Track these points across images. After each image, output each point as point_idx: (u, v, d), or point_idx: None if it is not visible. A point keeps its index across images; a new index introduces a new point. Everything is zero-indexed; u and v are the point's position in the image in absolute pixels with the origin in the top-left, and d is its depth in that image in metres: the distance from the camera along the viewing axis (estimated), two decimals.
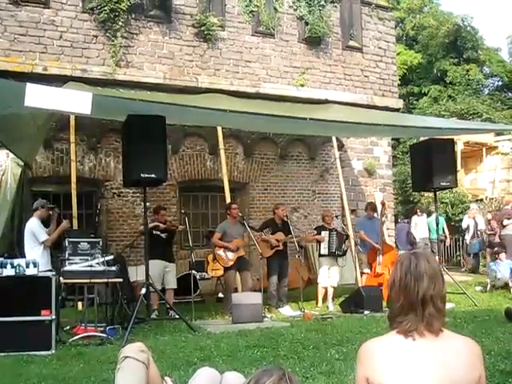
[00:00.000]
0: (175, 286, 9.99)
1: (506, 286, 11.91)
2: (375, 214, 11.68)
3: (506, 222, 14.17)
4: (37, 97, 6.34)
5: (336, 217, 12.04)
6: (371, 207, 11.75)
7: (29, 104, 6.29)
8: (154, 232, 9.68)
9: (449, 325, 2.30)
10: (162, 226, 9.86)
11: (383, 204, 11.65)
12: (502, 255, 12.54)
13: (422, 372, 2.11)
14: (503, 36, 60.25)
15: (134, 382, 2.93)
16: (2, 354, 6.48)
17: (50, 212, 8.97)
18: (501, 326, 7.74)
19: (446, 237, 17.72)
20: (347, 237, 11.28)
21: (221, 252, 10.04)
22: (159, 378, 3.15)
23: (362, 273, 11.49)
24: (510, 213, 14.32)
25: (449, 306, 9.79)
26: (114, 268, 7.89)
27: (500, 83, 32.51)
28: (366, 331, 7.50)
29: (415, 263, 2.28)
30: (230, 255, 9.98)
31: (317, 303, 10.77)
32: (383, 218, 11.57)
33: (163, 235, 9.92)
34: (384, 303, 9.40)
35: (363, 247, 11.51)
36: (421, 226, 16.99)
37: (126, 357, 2.99)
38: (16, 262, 6.99)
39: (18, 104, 6.30)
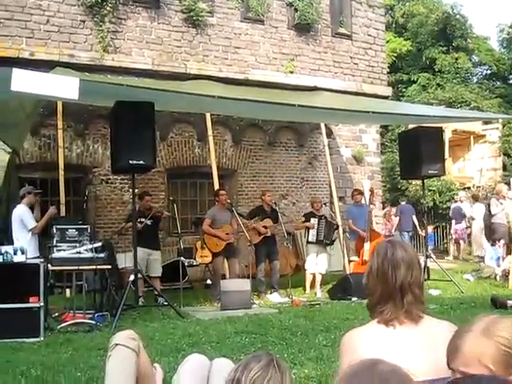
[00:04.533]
0: (159, 274, 9.93)
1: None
2: (362, 200, 11.72)
3: (494, 210, 14.27)
4: (23, 82, 6.28)
5: (325, 204, 12.07)
6: (357, 193, 11.77)
7: (15, 89, 6.23)
8: (139, 219, 9.61)
9: (435, 311, 2.34)
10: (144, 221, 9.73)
11: (372, 191, 11.68)
12: (501, 241, 12.73)
13: (405, 360, 2.12)
14: (492, 25, 60.46)
15: (124, 369, 2.93)
16: None
17: (37, 198, 8.94)
18: (487, 312, 7.82)
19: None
20: (337, 227, 11.30)
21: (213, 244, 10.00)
22: (150, 366, 3.16)
23: (350, 260, 11.53)
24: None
25: (435, 292, 9.88)
26: (102, 255, 7.87)
27: (488, 72, 32.62)
28: (353, 318, 7.56)
29: (391, 251, 2.28)
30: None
31: (304, 290, 10.82)
32: (371, 206, 11.59)
33: (148, 222, 9.86)
34: None
35: (351, 235, 11.54)
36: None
37: (117, 344, 2.99)
38: (4, 249, 6.96)
39: (5, 89, 6.24)
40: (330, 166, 13.65)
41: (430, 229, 18.11)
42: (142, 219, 9.63)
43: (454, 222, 17.73)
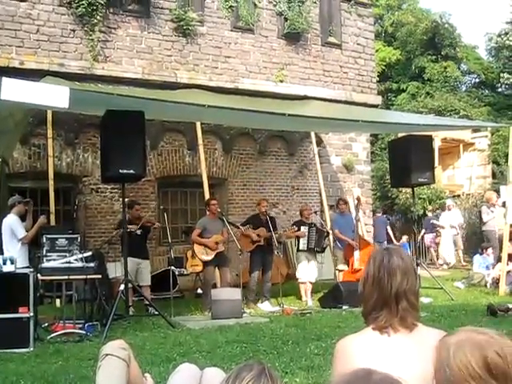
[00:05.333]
0: (149, 283, 9.95)
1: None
2: (349, 210, 11.73)
3: (485, 218, 14.37)
4: (13, 90, 6.29)
5: (315, 213, 12.09)
6: (342, 202, 11.78)
7: (5, 97, 6.23)
8: (129, 228, 9.61)
9: (426, 319, 2.34)
10: (134, 227, 9.72)
11: (358, 199, 11.71)
12: (489, 250, 12.80)
13: (398, 368, 2.12)
14: (481, 33, 60.87)
15: (114, 379, 2.92)
16: None
17: (26, 207, 8.90)
18: (477, 320, 7.85)
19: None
20: (327, 234, 11.31)
21: (201, 254, 9.95)
22: (140, 376, 3.15)
23: (338, 270, 11.49)
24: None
25: (426, 300, 9.91)
26: (92, 264, 7.85)
27: (477, 80, 32.84)
28: (344, 326, 7.57)
29: (388, 259, 2.29)
30: (209, 255, 9.93)
31: (301, 298, 10.79)
32: (358, 214, 11.60)
33: (138, 231, 9.86)
34: None
35: (340, 244, 11.52)
36: None
37: (107, 354, 2.98)
38: None
39: None
40: (321, 175, 13.69)
41: (404, 238, 18.36)
42: (132, 228, 9.64)
43: (423, 231, 18.06)
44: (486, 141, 22.48)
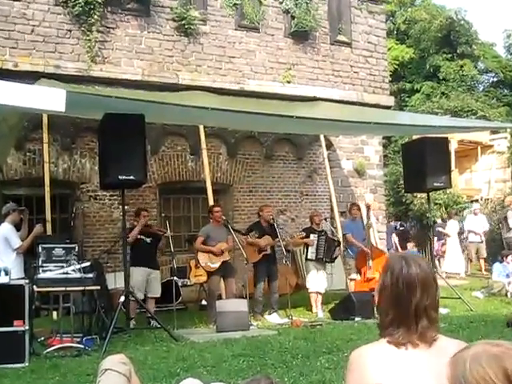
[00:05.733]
0: (159, 295, 9.95)
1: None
2: (361, 216, 11.71)
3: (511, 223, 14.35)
4: (7, 94, 6.31)
5: (325, 219, 12.08)
6: (355, 208, 11.76)
7: None
8: (139, 236, 9.65)
9: (444, 330, 2.31)
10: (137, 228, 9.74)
11: (368, 206, 11.69)
12: (510, 257, 12.75)
13: (415, 383, 2.11)
14: (498, 30, 60.88)
15: None
16: None
17: (21, 216, 8.92)
18: (498, 331, 7.81)
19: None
20: (338, 243, 11.28)
21: (205, 263, 9.96)
22: None
23: (350, 279, 11.47)
24: None
25: (444, 311, 9.86)
26: (90, 275, 7.87)
27: (495, 79, 32.79)
28: (357, 338, 7.54)
29: (406, 269, 2.23)
30: (215, 263, 9.93)
31: (311, 309, 10.78)
32: (369, 221, 11.59)
33: (148, 240, 9.88)
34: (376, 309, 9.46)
35: (351, 251, 11.49)
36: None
37: (107, 369, 2.97)
38: None
39: None
40: (331, 180, 13.68)
41: (409, 245, 18.34)
42: (142, 237, 9.68)
43: (436, 239, 18.04)
44: (506, 142, 22.37)
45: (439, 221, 18.62)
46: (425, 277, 2.20)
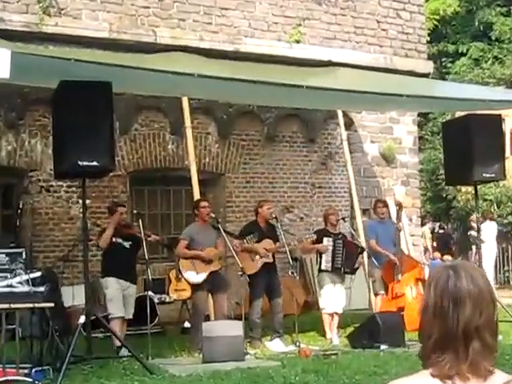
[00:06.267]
0: (131, 316, 9.93)
1: None
2: (389, 215, 11.73)
3: None
4: None
5: (343, 219, 12.07)
6: (382, 205, 11.77)
7: None
8: (114, 239, 9.62)
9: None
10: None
11: (399, 205, 11.68)
12: None
13: None
14: None
15: None
16: None
17: None
18: None
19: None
20: (362, 250, 11.28)
21: (188, 274, 9.96)
22: None
23: (376, 294, 11.51)
24: None
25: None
26: (41, 289, 7.86)
27: None
28: (382, 372, 7.56)
29: (453, 281, 2.22)
30: (201, 273, 9.94)
31: (324, 335, 10.80)
32: (400, 224, 11.60)
33: (126, 244, 9.83)
34: (407, 335, 9.48)
35: (377, 260, 11.50)
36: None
37: None
38: None
39: None
40: (351, 168, 13.67)
41: (435, 254, 18.45)
42: (119, 240, 9.64)
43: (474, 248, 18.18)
44: None
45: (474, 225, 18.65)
46: (478, 292, 2.19)
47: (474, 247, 18.07)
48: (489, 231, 17.13)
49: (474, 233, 17.71)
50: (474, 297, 2.17)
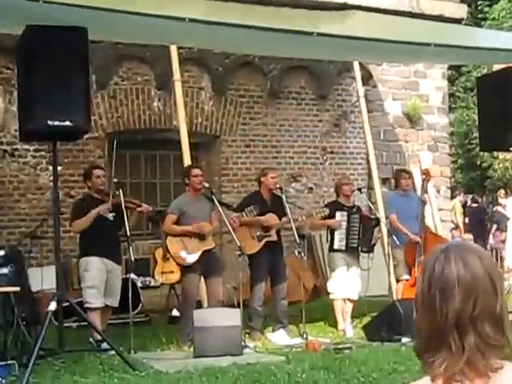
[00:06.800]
0: (117, 304, 9.83)
1: None
2: (414, 187, 11.72)
3: None
4: None
5: (359, 190, 12.07)
6: (404, 174, 11.75)
7: None
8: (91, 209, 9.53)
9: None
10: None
11: (426, 173, 11.67)
12: None
13: None
14: None
15: None
16: None
17: None
18: None
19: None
20: (378, 222, 11.29)
21: (182, 253, 9.97)
22: None
23: (397, 280, 11.51)
24: None
25: None
26: (5, 270, 7.89)
27: None
28: (404, 370, 7.58)
29: (441, 266, 2.20)
30: (192, 253, 9.95)
31: (335, 325, 10.85)
32: (425, 196, 11.59)
33: (110, 216, 9.69)
34: None
35: (398, 239, 11.47)
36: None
37: None
38: None
39: None
40: (369, 131, 13.63)
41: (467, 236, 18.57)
42: (102, 210, 9.50)
43: (495, 227, 18.21)
44: None
45: (503, 201, 18.73)
46: (471, 277, 2.17)
47: (494, 225, 18.16)
48: None
49: (500, 208, 17.81)
50: (466, 283, 2.12)
